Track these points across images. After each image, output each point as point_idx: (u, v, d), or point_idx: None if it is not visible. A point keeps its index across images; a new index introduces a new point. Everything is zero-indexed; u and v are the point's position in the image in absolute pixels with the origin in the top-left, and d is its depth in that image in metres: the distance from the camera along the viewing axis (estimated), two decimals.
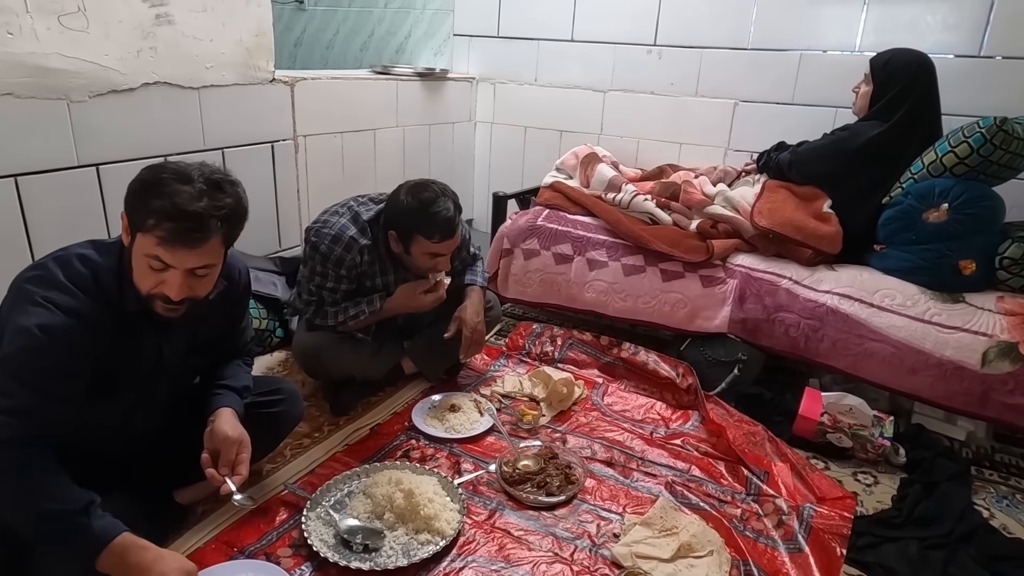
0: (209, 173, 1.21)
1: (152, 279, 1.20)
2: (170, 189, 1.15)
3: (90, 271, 1.21)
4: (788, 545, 1.53)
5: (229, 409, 1.41)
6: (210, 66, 2.21)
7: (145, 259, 1.18)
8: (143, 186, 1.17)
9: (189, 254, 1.18)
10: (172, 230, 1.14)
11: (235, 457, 1.35)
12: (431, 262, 1.89)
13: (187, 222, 1.15)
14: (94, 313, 1.18)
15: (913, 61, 2.17)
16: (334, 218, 1.88)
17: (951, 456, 1.88)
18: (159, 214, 1.14)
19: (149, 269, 1.19)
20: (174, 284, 1.19)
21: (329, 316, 1.91)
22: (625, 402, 2.12)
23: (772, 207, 2.26)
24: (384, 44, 3.89)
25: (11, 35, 1.69)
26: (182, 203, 1.14)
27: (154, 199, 1.14)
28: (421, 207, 1.80)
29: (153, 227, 1.14)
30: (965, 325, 1.91)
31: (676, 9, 3.05)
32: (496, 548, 1.47)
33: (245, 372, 1.55)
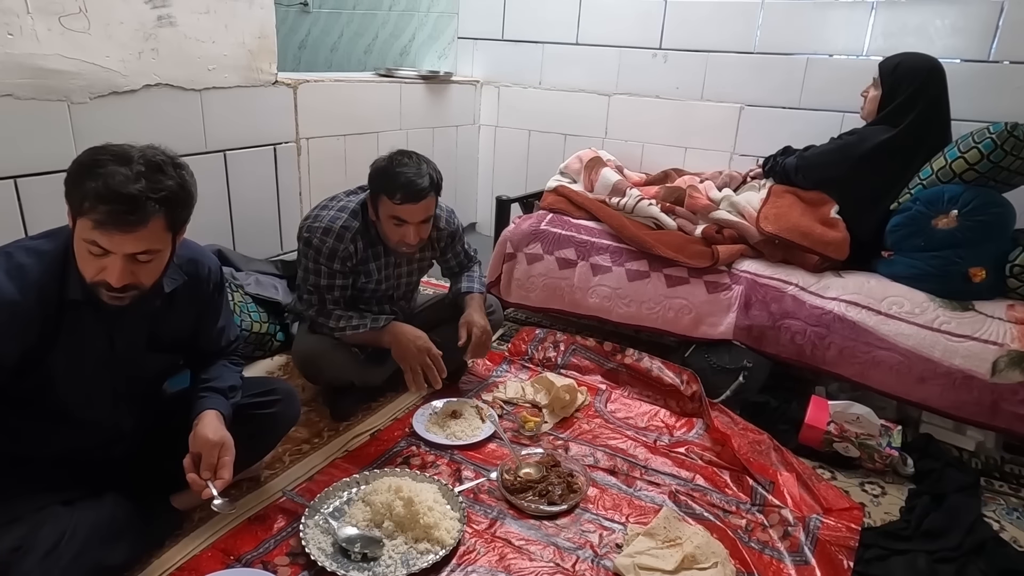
0: (151, 155, 1.16)
1: (94, 265, 1.15)
2: (105, 170, 1.10)
3: (33, 260, 1.18)
4: (794, 557, 1.50)
5: (213, 411, 1.37)
6: (212, 68, 2.19)
7: (84, 244, 1.14)
8: (79, 168, 1.13)
9: (126, 238, 1.13)
10: (106, 212, 1.09)
11: (217, 460, 1.32)
12: (397, 232, 1.81)
13: (121, 204, 1.10)
14: (18, 303, 1.14)
15: (923, 66, 2.15)
16: (323, 211, 1.86)
17: (960, 467, 1.85)
18: (93, 196, 1.09)
19: (89, 255, 1.14)
20: (114, 270, 1.14)
21: (332, 317, 1.88)
22: (628, 409, 2.10)
23: (778, 212, 2.23)
24: (388, 47, 3.88)
25: (11, 36, 1.68)
26: (116, 185, 1.09)
27: (89, 181, 1.10)
28: (389, 167, 1.77)
29: (88, 210, 1.10)
30: (975, 334, 1.88)
31: (682, 12, 3.04)
32: (497, 558, 1.44)
33: (232, 372, 1.52)
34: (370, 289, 1.96)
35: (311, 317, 1.90)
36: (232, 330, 1.58)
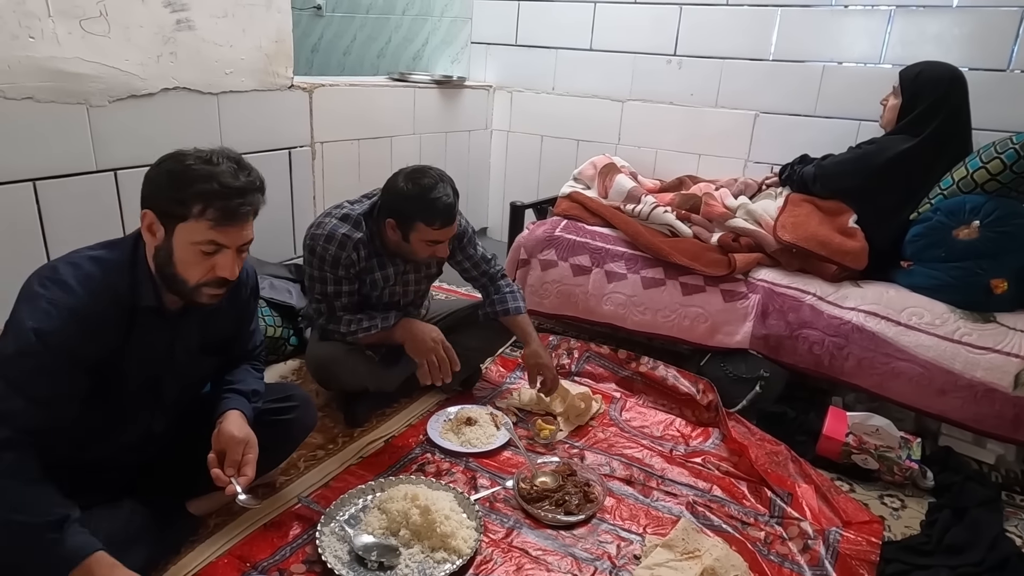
0: (226, 152, 1.22)
1: (203, 266, 1.20)
2: (207, 171, 1.16)
3: (101, 270, 1.20)
4: (815, 571, 1.48)
5: (237, 411, 1.39)
6: (229, 72, 2.20)
7: (194, 247, 1.18)
8: (175, 176, 1.17)
9: (241, 230, 1.20)
10: (224, 209, 1.16)
11: (241, 458, 1.33)
12: (429, 249, 1.83)
13: (237, 198, 1.17)
14: (98, 314, 1.17)
15: (945, 75, 2.13)
16: (326, 219, 1.84)
17: (981, 480, 1.83)
18: (206, 197, 1.15)
19: (200, 256, 1.19)
20: (228, 264, 1.21)
21: (342, 323, 1.87)
22: (644, 418, 2.08)
23: (796, 221, 2.22)
24: (401, 51, 3.88)
25: (33, 39, 1.68)
26: (228, 181, 1.16)
27: (195, 184, 1.15)
28: (421, 193, 1.75)
29: (202, 211, 1.16)
30: (996, 346, 1.86)
31: (697, 19, 3.03)
32: (514, 568, 1.43)
33: (255, 377, 1.53)
34: (375, 296, 1.95)
35: (321, 325, 1.89)
36: (258, 334, 1.60)
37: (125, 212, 2.00)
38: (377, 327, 1.86)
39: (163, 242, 1.19)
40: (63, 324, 1.14)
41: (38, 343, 1.12)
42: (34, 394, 1.14)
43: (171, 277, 1.21)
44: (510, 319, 2.06)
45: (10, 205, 1.74)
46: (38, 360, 1.13)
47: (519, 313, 2.06)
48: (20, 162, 1.74)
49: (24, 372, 1.13)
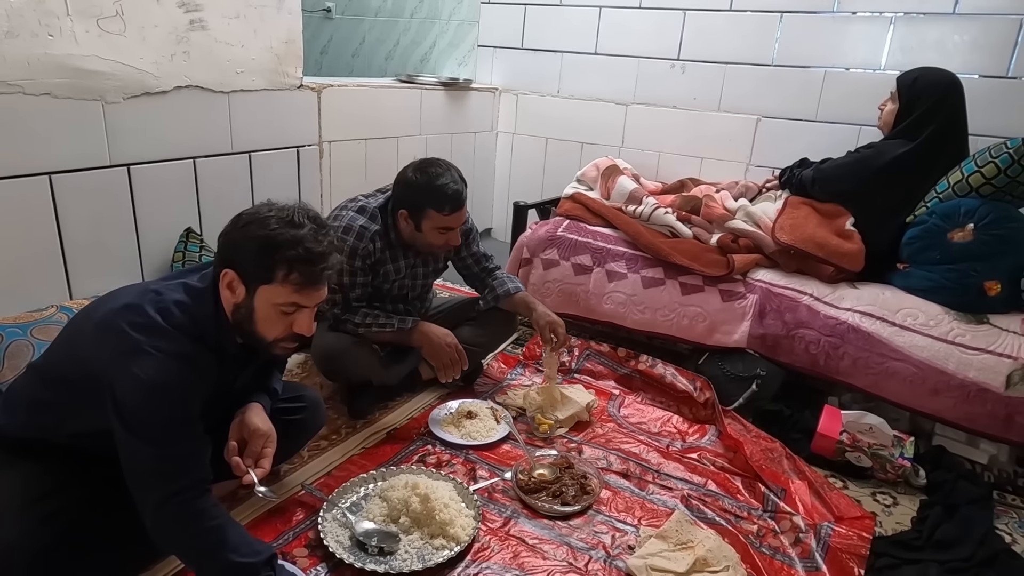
0: (306, 211, 1.25)
1: (282, 324, 1.26)
2: (291, 236, 1.19)
3: (188, 317, 1.23)
4: (805, 563, 1.51)
5: (258, 404, 1.43)
6: (240, 71, 2.25)
7: (276, 308, 1.23)
8: (261, 241, 1.20)
9: (320, 291, 1.26)
10: (309, 274, 1.21)
11: (260, 450, 1.37)
12: (442, 237, 1.90)
13: (320, 263, 1.22)
14: (201, 354, 1.22)
15: (942, 80, 2.17)
16: (342, 212, 1.91)
17: (973, 479, 1.85)
18: (292, 263, 1.20)
19: (281, 315, 1.24)
20: (305, 322, 1.27)
21: (358, 315, 1.92)
22: (641, 414, 2.11)
23: (794, 223, 2.25)
24: (409, 54, 3.94)
25: (52, 37, 1.74)
26: (312, 247, 1.21)
27: (282, 251, 1.19)
28: (431, 181, 1.83)
29: (286, 276, 1.20)
30: (989, 347, 1.89)
31: (700, 24, 3.07)
32: (510, 556, 1.47)
33: (276, 376, 1.58)
34: (385, 288, 2.00)
35: (336, 315, 1.93)
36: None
37: (137, 206, 2.05)
38: (393, 327, 1.92)
39: (243, 300, 1.23)
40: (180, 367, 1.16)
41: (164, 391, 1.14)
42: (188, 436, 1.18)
43: (250, 333, 1.26)
44: (511, 299, 2.11)
45: (27, 197, 1.79)
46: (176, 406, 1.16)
47: (519, 291, 2.11)
48: (37, 156, 1.79)
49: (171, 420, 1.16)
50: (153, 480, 1.14)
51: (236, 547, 1.14)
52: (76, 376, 1.22)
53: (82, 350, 1.22)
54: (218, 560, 1.13)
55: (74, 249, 1.92)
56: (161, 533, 1.15)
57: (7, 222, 1.76)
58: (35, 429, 1.29)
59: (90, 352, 1.20)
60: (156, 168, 2.08)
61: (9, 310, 1.75)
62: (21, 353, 1.64)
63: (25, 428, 1.30)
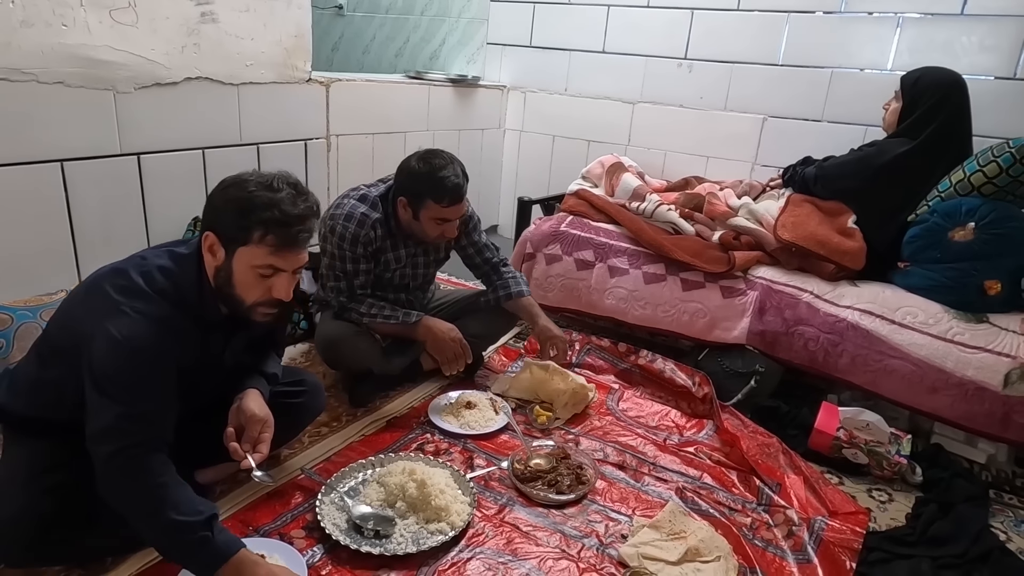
0: (285, 177, 1.27)
1: (261, 287, 1.26)
2: (268, 198, 1.21)
3: (171, 282, 1.25)
4: (797, 556, 1.52)
5: (256, 390, 1.45)
6: (250, 64, 2.28)
7: (254, 270, 1.24)
8: (238, 203, 1.22)
9: (298, 255, 1.26)
10: (284, 236, 1.22)
11: (258, 435, 1.39)
12: (438, 229, 1.92)
13: (297, 225, 1.23)
14: (179, 320, 1.23)
15: (944, 80, 2.17)
16: (345, 200, 1.94)
17: (969, 478, 1.85)
18: (268, 224, 1.20)
19: (258, 278, 1.25)
20: (283, 286, 1.27)
21: (364, 304, 1.95)
22: (640, 408, 2.13)
23: (796, 221, 2.26)
24: (419, 51, 3.97)
25: (65, 27, 1.78)
26: (289, 209, 1.21)
27: (258, 211, 1.20)
28: (431, 171, 1.85)
29: (262, 237, 1.21)
30: (988, 345, 1.89)
31: (708, 23, 3.08)
32: (504, 542, 1.48)
33: (274, 360, 1.60)
34: (387, 278, 2.03)
35: (341, 303, 1.96)
36: (286, 330, 1.70)
37: (146, 194, 2.09)
38: (398, 319, 1.94)
39: (223, 263, 1.25)
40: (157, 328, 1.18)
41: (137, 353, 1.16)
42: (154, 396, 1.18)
43: (229, 296, 1.28)
44: (514, 302, 2.13)
45: (39, 184, 1.83)
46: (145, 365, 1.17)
47: (523, 296, 2.12)
48: (49, 143, 1.83)
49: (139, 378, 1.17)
50: (109, 435, 1.14)
51: (176, 505, 1.14)
52: (67, 345, 1.24)
53: (70, 320, 1.26)
54: (159, 517, 1.13)
55: (84, 235, 1.97)
56: (107, 485, 1.16)
57: (20, 207, 1.80)
58: (37, 408, 1.32)
59: (77, 318, 1.23)
60: (166, 158, 2.12)
61: (20, 293, 1.79)
62: (30, 335, 1.68)
63: (28, 407, 1.33)
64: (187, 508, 1.15)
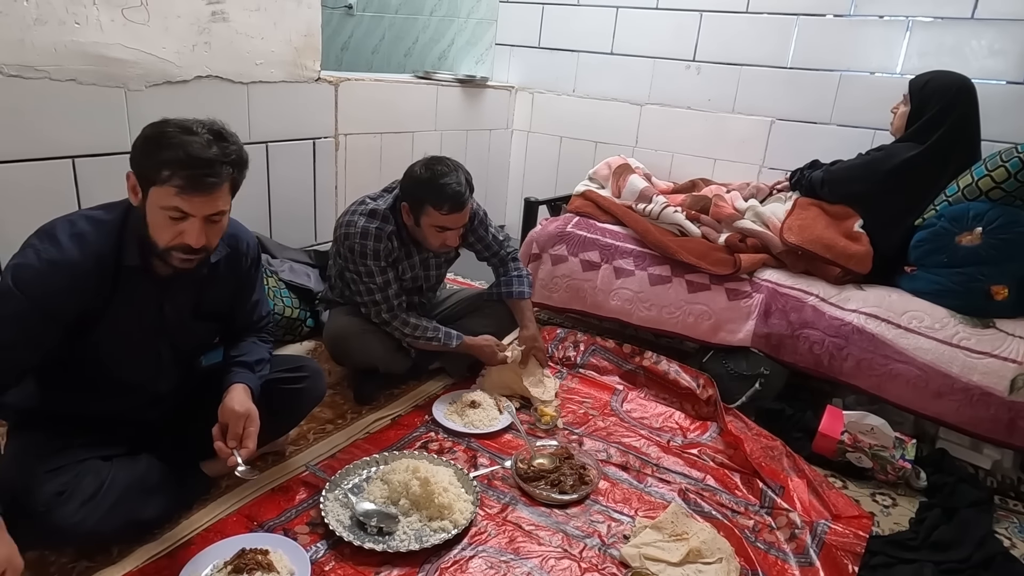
0: (211, 124, 1.26)
1: (171, 231, 1.24)
2: (179, 140, 1.19)
3: (93, 228, 1.26)
4: (799, 559, 1.52)
5: (241, 385, 1.44)
6: (260, 63, 2.30)
7: (162, 212, 1.22)
8: (151, 142, 1.21)
9: (206, 200, 1.22)
10: (188, 178, 1.19)
11: (243, 431, 1.38)
12: (439, 237, 1.93)
13: (202, 168, 1.20)
14: (79, 269, 1.22)
15: (953, 84, 2.16)
16: (355, 218, 1.93)
17: (974, 483, 1.85)
18: (174, 164, 1.18)
19: (168, 221, 1.23)
20: (193, 232, 1.23)
21: (408, 326, 1.98)
22: (644, 409, 2.13)
23: (802, 224, 2.26)
24: (428, 51, 3.98)
25: (78, 25, 1.79)
26: (195, 151, 1.19)
27: (166, 151, 1.18)
28: (433, 178, 1.86)
29: (168, 178, 1.19)
30: (994, 351, 1.88)
31: (717, 26, 3.07)
32: (507, 540, 1.49)
33: (260, 347, 1.58)
34: (402, 283, 2.04)
35: (384, 320, 1.97)
36: (264, 306, 1.65)
37: None
38: (439, 341, 2.01)
39: (140, 203, 1.25)
40: (41, 274, 1.19)
41: (13, 288, 1.18)
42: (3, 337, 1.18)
43: (145, 238, 1.27)
44: (512, 302, 2.17)
45: (50, 180, 1.85)
46: (8, 304, 1.18)
47: (521, 297, 2.16)
48: (61, 139, 1.85)
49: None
50: None
51: None
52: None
53: None
54: None
55: None
56: None
57: (31, 203, 1.81)
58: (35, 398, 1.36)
59: None
60: None
61: None
62: None
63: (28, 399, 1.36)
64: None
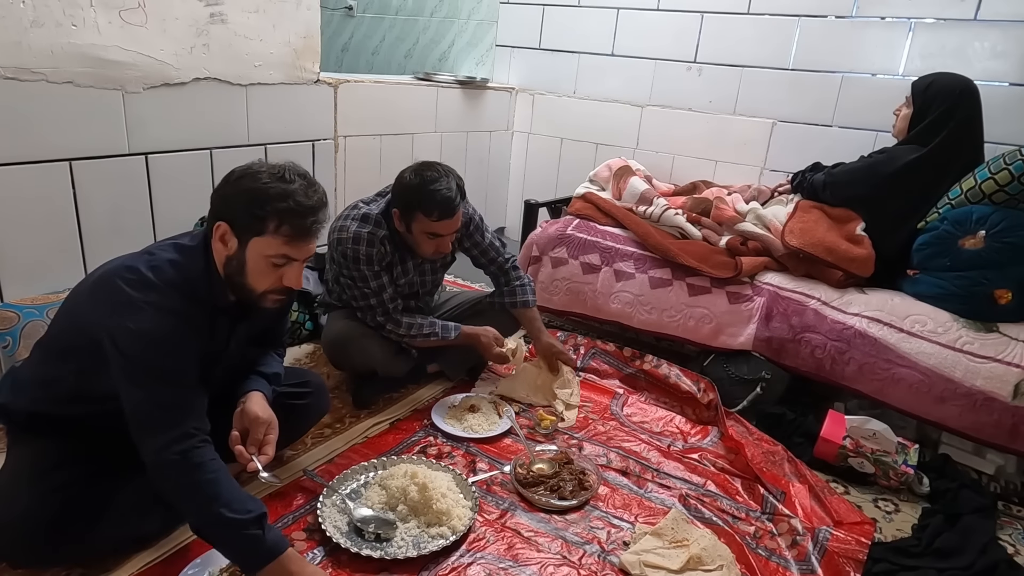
0: (295, 168, 1.28)
1: (273, 276, 1.28)
2: (282, 190, 1.22)
3: (180, 274, 1.27)
4: (801, 566, 1.51)
5: (259, 392, 1.46)
6: (258, 65, 2.29)
7: (267, 259, 1.25)
8: (252, 194, 1.23)
9: (309, 245, 1.29)
10: (299, 227, 1.24)
11: (263, 437, 1.39)
12: (431, 244, 1.91)
13: (311, 216, 1.25)
14: (191, 310, 1.25)
15: (956, 86, 2.15)
16: (347, 223, 1.91)
17: (977, 489, 1.83)
18: (283, 215, 1.22)
19: (271, 268, 1.27)
20: (295, 275, 1.29)
21: (402, 326, 1.96)
22: (644, 414, 2.12)
23: (804, 227, 2.24)
24: (428, 52, 3.97)
25: (75, 27, 1.79)
26: (303, 200, 1.23)
27: (273, 203, 1.22)
28: (422, 184, 1.83)
29: (277, 228, 1.23)
30: (997, 355, 1.87)
31: (718, 27, 3.07)
32: (505, 547, 1.48)
33: (276, 361, 1.60)
34: (397, 288, 2.02)
35: (379, 323, 1.96)
36: (288, 320, 1.69)
37: (154, 194, 2.10)
38: (437, 335, 1.99)
39: (235, 253, 1.26)
40: (174, 320, 1.21)
41: (162, 340, 1.19)
42: (187, 384, 1.22)
43: (241, 285, 1.29)
44: (519, 312, 2.14)
45: (47, 183, 1.85)
46: (170, 356, 1.20)
47: (527, 307, 2.13)
48: (58, 142, 1.84)
49: (168, 370, 1.20)
50: (154, 426, 1.17)
51: (228, 503, 1.16)
52: (79, 343, 1.26)
53: (80, 316, 1.27)
54: (211, 512, 1.16)
55: (92, 234, 1.98)
56: (160, 478, 1.19)
57: (28, 207, 1.81)
58: (46, 403, 1.33)
59: (88, 314, 1.24)
60: (173, 158, 2.13)
61: (27, 292, 1.81)
62: (37, 333, 1.69)
63: (35, 403, 1.33)
64: (239, 506, 1.17)
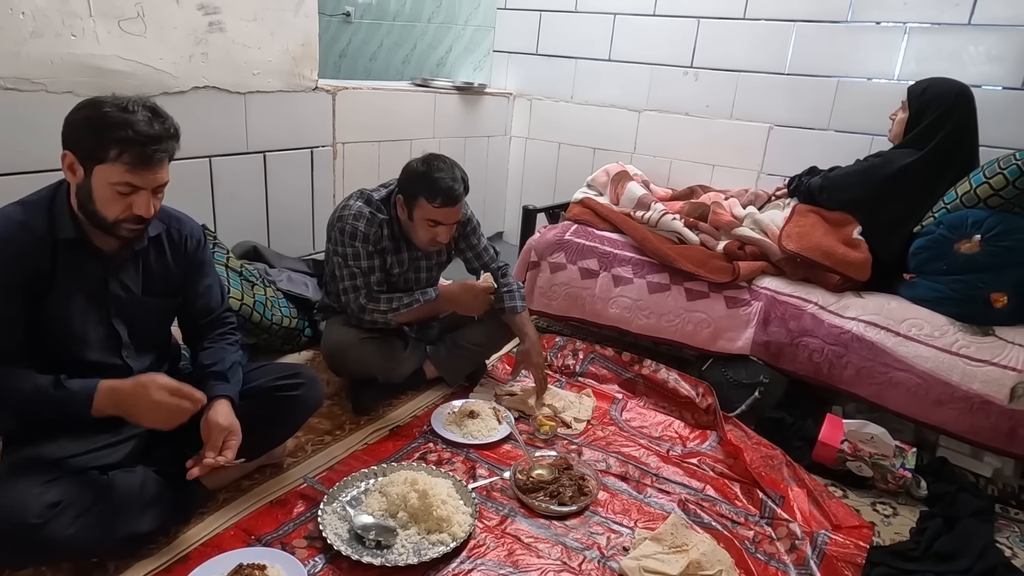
0: (143, 101, 1.30)
1: (120, 205, 1.29)
2: (122, 119, 1.24)
3: (22, 209, 1.31)
4: (800, 570, 1.51)
5: (224, 400, 1.45)
6: (257, 73, 2.30)
7: (112, 187, 1.27)
8: (93, 122, 1.25)
9: (154, 174, 1.29)
10: (139, 155, 1.25)
11: (222, 443, 1.39)
12: (430, 232, 1.94)
13: (152, 144, 1.26)
14: (15, 244, 1.27)
15: (951, 90, 2.16)
16: (351, 202, 1.97)
17: (975, 492, 1.84)
18: (123, 143, 1.23)
19: (117, 196, 1.28)
20: (143, 203, 1.30)
21: (382, 302, 1.98)
22: (643, 418, 2.12)
23: (801, 231, 2.25)
24: (426, 58, 3.98)
25: (75, 37, 1.80)
26: (144, 129, 1.24)
27: (112, 131, 1.23)
28: (428, 171, 1.88)
29: (118, 156, 1.24)
30: (994, 359, 1.88)
31: (714, 32, 3.08)
32: (505, 553, 1.48)
33: (230, 352, 1.58)
34: (391, 281, 2.05)
35: (360, 305, 1.97)
36: (220, 293, 1.65)
37: None
38: (419, 301, 2.00)
39: (83, 182, 1.28)
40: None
41: None
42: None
43: (92, 213, 1.30)
44: (508, 317, 2.14)
45: None
46: None
47: (515, 313, 2.14)
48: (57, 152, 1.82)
49: None
50: None
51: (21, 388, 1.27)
52: None
53: None
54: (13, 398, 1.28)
55: None
56: None
57: None
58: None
59: None
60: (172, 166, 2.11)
61: None
62: None
63: None
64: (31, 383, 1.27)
